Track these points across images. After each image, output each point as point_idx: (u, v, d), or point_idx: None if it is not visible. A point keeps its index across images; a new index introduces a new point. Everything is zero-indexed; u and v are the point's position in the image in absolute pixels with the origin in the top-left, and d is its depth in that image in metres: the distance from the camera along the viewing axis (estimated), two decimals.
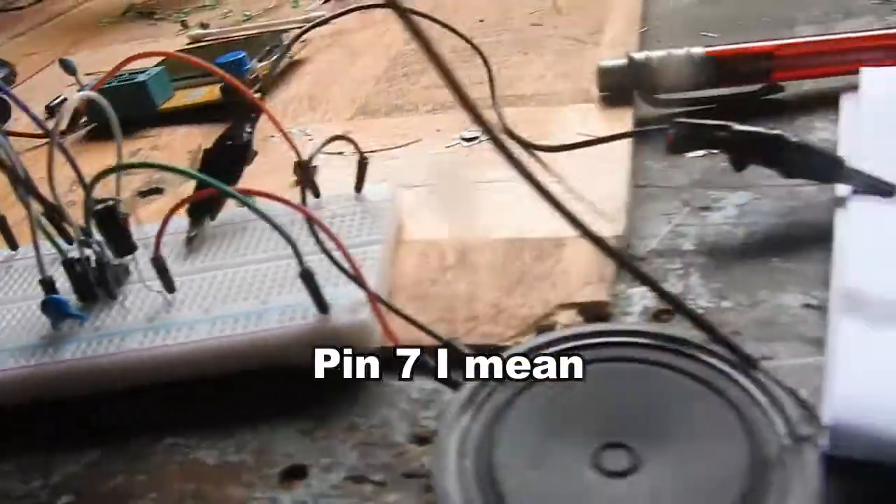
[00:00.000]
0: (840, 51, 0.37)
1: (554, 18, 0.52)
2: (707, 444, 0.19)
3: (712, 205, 0.32)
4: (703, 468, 0.19)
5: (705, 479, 0.19)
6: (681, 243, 0.30)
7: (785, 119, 0.37)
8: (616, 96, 0.40)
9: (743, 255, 0.29)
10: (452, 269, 0.30)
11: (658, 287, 0.21)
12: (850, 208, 0.27)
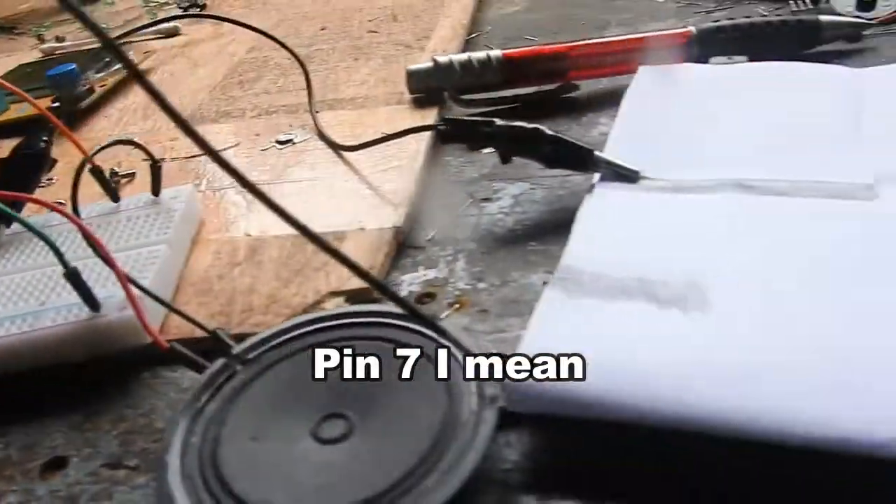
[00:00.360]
0: (625, 51, 0.40)
1: (389, 26, 0.54)
2: (413, 407, 0.21)
3: (492, 196, 0.34)
4: (404, 428, 0.21)
5: (404, 438, 0.20)
6: (457, 232, 0.32)
7: (576, 115, 0.39)
8: (427, 98, 0.42)
9: (506, 242, 0.31)
10: (240, 265, 0.31)
11: (366, 274, 0.23)
12: (594, 193, 0.30)
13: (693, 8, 0.50)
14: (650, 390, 0.20)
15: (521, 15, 0.55)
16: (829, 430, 0.18)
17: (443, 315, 0.27)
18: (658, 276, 0.24)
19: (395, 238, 0.31)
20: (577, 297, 0.24)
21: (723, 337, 0.21)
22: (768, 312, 0.22)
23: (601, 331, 0.22)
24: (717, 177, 0.29)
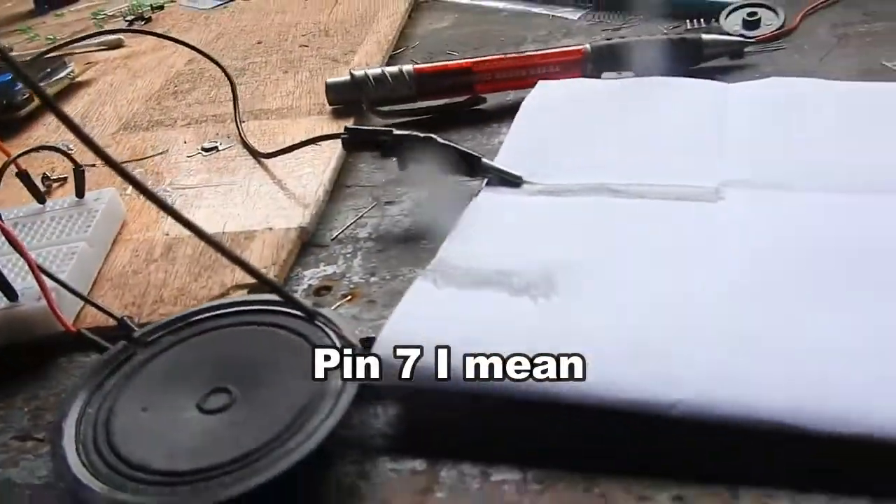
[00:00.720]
0: (525, 67, 0.43)
1: (320, 40, 0.57)
2: (288, 382, 0.24)
3: (396, 199, 0.37)
4: (278, 401, 0.23)
5: (276, 409, 0.23)
6: (358, 232, 0.35)
7: (482, 125, 0.43)
8: (346, 109, 0.45)
9: (402, 240, 0.34)
10: (156, 261, 0.34)
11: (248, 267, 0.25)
12: (478, 196, 0.33)
13: (602, 25, 0.53)
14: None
15: (449, 31, 0.58)
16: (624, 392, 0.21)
17: (335, 305, 0.30)
18: (517, 268, 0.27)
19: (300, 237, 0.34)
20: (443, 287, 0.27)
21: (560, 318, 0.24)
22: (606, 296, 0.25)
23: (456, 315, 0.25)
24: (587, 181, 0.32)
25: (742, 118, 0.35)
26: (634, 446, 0.21)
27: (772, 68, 0.42)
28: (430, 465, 0.23)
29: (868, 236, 0.26)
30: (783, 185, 0.30)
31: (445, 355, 0.23)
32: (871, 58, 0.40)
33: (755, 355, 0.22)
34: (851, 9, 0.47)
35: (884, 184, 0.29)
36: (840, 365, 0.21)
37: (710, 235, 0.28)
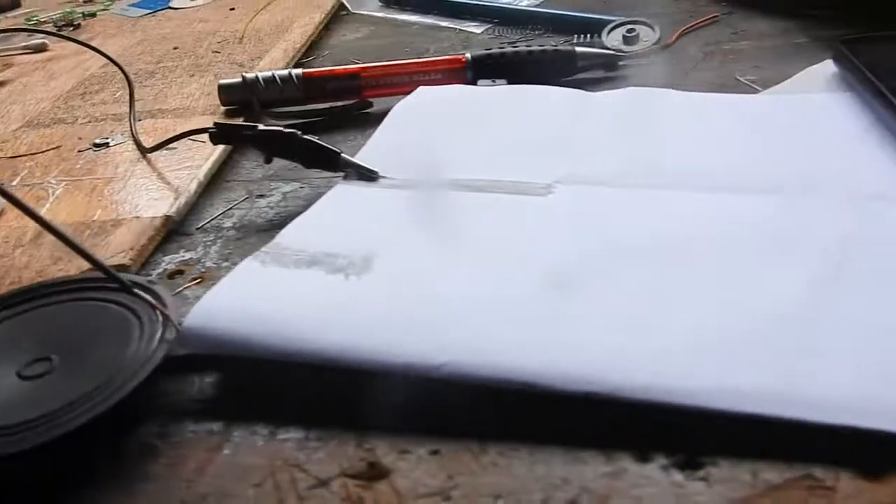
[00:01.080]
0: (410, 73, 0.45)
1: (233, 47, 0.58)
2: (106, 351, 0.25)
3: (266, 193, 0.39)
4: (93, 368, 0.25)
5: (89, 375, 0.25)
6: (224, 222, 0.37)
7: (366, 127, 0.44)
8: (239, 110, 0.46)
9: (262, 230, 0.35)
10: (23, 246, 0.35)
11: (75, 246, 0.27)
12: (332, 189, 0.34)
13: (501, 39, 0.56)
14: (296, 333, 0.24)
15: (361, 41, 0.61)
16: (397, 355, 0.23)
17: (182, 287, 0.32)
18: (344, 251, 0.29)
19: (164, 225, 0.35)
20: (269, 266, 0.28)
21: (363, 292, 0.26)
22: (411, 275, 0.27)
23: (273, 290, 0.27)
24: (436, 177, 0.34)
25: (593, 123, 0.37)
26: (403, 406, 0.23)
27: (640, 81, 0.44)
28: (226, 426, 0.24)
29: (667, 227, 0.28)
30: (608, 182, 0.32)
31: (254, 325, 0.25)
32: (728, 72, 0.43)
33: (520, 323, 0.24)
34: (724, 28, 0.49)
35: (701, 183, 0.31)
36: (590, 332, 0.23)
37: (524, 224, 0.30)
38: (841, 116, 0.34)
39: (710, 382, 0.20)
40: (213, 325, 0.25)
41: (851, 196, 0.28)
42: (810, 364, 0.21)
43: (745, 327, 0.22)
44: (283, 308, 0.25)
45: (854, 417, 0.19)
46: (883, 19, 0.44)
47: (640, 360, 0.22)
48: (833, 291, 0.23)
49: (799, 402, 0.20)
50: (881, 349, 0.21)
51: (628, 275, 0.26)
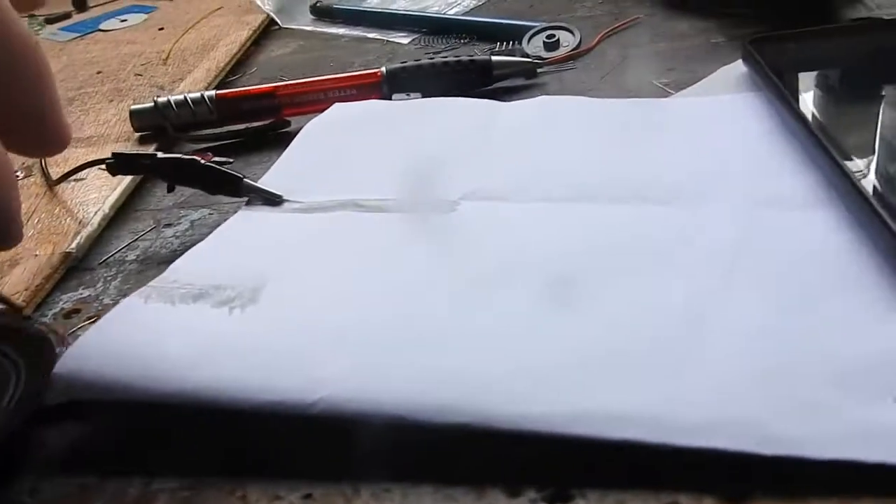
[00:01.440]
0: (325, 89, 0.44)
1: (156, 69, 0.57)
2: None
3: (174, 222, 0.38)
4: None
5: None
6: (127, 255, 0.36)
7: (284, 147, 0.43)
8: (152, 135, 0.45)
9: (165, 262, 0.34)
10: None
11: None
12: (234, 216, 0.34)
13: (426, 49, 0.55)
14: (169, 373, 0.24)
15: (289, 57, 0.60)
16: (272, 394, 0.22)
17: (77, 327, 0.31)
18: (233, 281, 0.28)
19: (63, 262, 0.34)
20: (152, 303, 0.27)
21: (242, 327, 0.25)
22: (298, 305, 0.26)
23: (154, 328, 0.26)
24: (340, 198, 0.33)
25: (502, 135, 0.37)
26: (276, 451, 0.22)
27: (558, 87, 0.44)
28: (100, 479, 0.23)
29: (558, 243, 0.28)
30: (511, 197, 0.32)
31: (127, 367, 0.24)
32: (645, 76, 0.42)
33: (398, 352, 0.23)
34: (645, 30, 0.49)
35: (602, 194, 0.31)
36: (465, 360, 0.22)
37: (421, 244, 0.29)
38: (745, 119, 0.33)
39: (576, 408, 0.20)
40: (85, 370, 0.24)
41: (746, 203, 0.28)
42: (675, 385, 0.20)
43: (618, 348, 0.22)
44: (159, 347, 0.25)
45: (715, 440, 0.18)
46: (799, 17, 0.44)
47: (512, 388, 0.21)
48: (712, 306, 0.23)
49: (662, 426, 0.19)
50: (756, 363, 0.21)
51: (510, 297, 0.25)
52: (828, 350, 0.20)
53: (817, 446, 0.18)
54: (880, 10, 0.44)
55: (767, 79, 0.34)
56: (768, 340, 0.21)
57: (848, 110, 0.33)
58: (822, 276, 0.23)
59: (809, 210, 0.27)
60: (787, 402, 0.19)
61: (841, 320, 0.21)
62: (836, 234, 0.25)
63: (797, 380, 0.20)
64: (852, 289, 0.23)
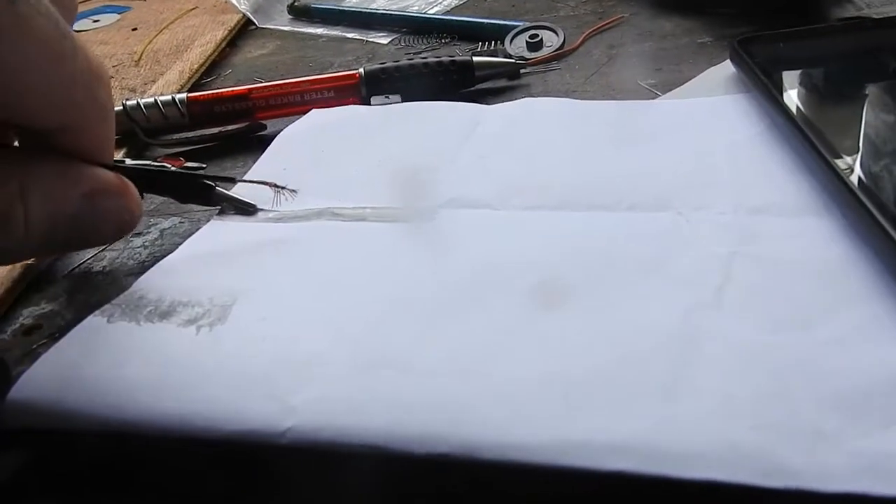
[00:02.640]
0: (301, 91, 0.43)
1: (128, 71, 0.56)
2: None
3: (144, 231, 0.36)
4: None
5: None
6: (94, 266, 0.34)
7: (259, 152, 0.42)
8: (123, 140, 0.44)
9: (132, 273, 0.33)
10: None
11: None
12: (205, 226, 0.32)
13: (406, 49, 0.54)
14: (130, 400, 0.22)
15: (266, 58, 0.58)
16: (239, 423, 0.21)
17: (36, 345, 0.29)
18: (199, 298, 0.26)
19: (24, 275, 0.33)
20: (116, 321, 0.26)
21: (217, 349, 0.24)
22: (267, 323, 0.25)
23: (116, 350, 0.24)
24: (315, 207, 0.32)
25: (484, 140, 0.35)
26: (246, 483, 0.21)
27: (542, 88, 0.43)
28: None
29: (541, 254, 0.27)
30: (492, 205, 0.30)
31: (83, 393, 0.22)
32: (630, 77, 0.41)
33: (373, 379, 0.22)
34: (629, 29, 0.48)
35: (586, 201, 0.29)
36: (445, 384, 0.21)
37: (399, 256, 0.28)
38: (734, 121, 0.32)
39: (564, 436, 0.19)
40: (41, 396, 0.23)
41: (738, 209, 0.27)
42: (669, 411, 0.19)
43: (608, 369, 0.21)
44: (121, 371, 0.23)
45: (713, 471, 0.17)
46: (786, 17, 0.43)
47: (496, 416, 0.20)
48: (705, 324, 0.22)
49: (656, 456, 0.18)
50: (752, 387, 0.19)
51: (492, 314, 0.24)
52: (827, 371, 0.19)
53: (821, 478, 0.16)
54: (870, 9, 0.43)
55: (757, 79, 0.33)
56: (764, 361, 0.20)
57: (839, 111, 0.32)
58: (819, 289, 0.22)
59: (804, 217, 0.26)
60: (786, 430, 0.18)
61: (840, 339, 0.20)
62: (833, 243, 0.24)
63: (796, 405, 0.18)
64: (852, 304, 0.21)
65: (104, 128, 0.23)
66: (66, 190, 0.22)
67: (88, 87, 0.21)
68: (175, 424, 0.21)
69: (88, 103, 0.22)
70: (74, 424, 0.22)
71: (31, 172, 0.21)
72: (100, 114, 0.22)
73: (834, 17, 0.43)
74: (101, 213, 0.23)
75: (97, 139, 0.23)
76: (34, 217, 0.21)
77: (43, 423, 0.22)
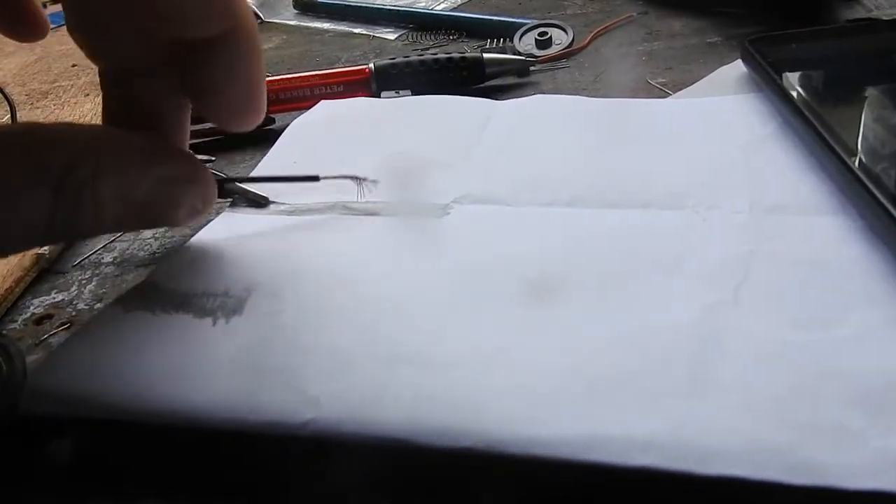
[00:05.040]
0: (311, 86, 0.43)
1: None
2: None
3: None
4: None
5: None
6: (103, 257, 0.34)
7: (267, 145, 0.42)
8: None
9: (143, 265, 0.33)
10: None
11: None
12: (217, 218, 0.32)
13: (414, 45, 0.53)
14: (149, 389, 0.22)
15: (272, 52, 0.58)
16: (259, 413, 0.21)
17: (47, 334, 0.29)
18: (215, 289, 0.26)
19: (34, 264, 0.33)
20: (133, 312, 0.26)
21: (235, 340, 0.24)
22: (282, 316, 0.25)
23: (134, 340, 0.24)
24: (327, 200, 0.32)
25: (496, 135, 0.35)
26: (264, 474, 0.21)
27: (551, 86, 0.43)
28: (79, 500, 0.21)
29: (557, 250, 0.27)
30: (506, 201, 0.30)
31: (104, 382, 0.22)
32: (640, 75, 0.41)
33: (394, 372, 0.22)
34: (639, 28, 0.48)
35: (599, 198, 0.29)
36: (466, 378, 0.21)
37: (413, 251, 0.28)
38: (747, 120, 0.32)
39: (588, 431, 0.19)
40: (61, 383, 0.23)
41: (754, 208, 0.27)
42: (698, 407, 0.19)
43: (629, 365, 0.21)
44: (139, 361, 0.23)
45: (737, 467, 0.17)
46: (798, 16, 0.43)
47: (518, 410, 0.20)
48: (725, 321, 0.22)
49: (680, 452, 0.18)
50: (775, 385, 0.19)
51: (511, 309, 0.24)
52: (848, 369, 0.19)
53: (846, 476, 0.17)
54: (879, 10, 0.43)
55: (769, 79, 0.33)
56: (785, 359, 0.20)
57: (851, 111, 0.32)
58: (838, 288, 0.22)
59: (821, 216, 0.26)
60: (810, 428, 0.18)
61: (860, 337, 0.20)
62: (850, 241, 0.24)
63: (819, 402, 0.19)
64: (871, 302, 0.22)
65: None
66: (139, 174, 0.21)
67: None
68: (194, 414, 0.21)
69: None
70: (93, 413, 0.22)
71: (105, 154, 0.21)
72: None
73: (843, 19, 0.43)
74: (173, 200, 0.23)
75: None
76: (105, 200, 0.20)
77: (62, 410, 0.22)
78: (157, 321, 0.25)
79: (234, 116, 0.25)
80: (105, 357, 0.23)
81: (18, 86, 0.54)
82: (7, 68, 0.60)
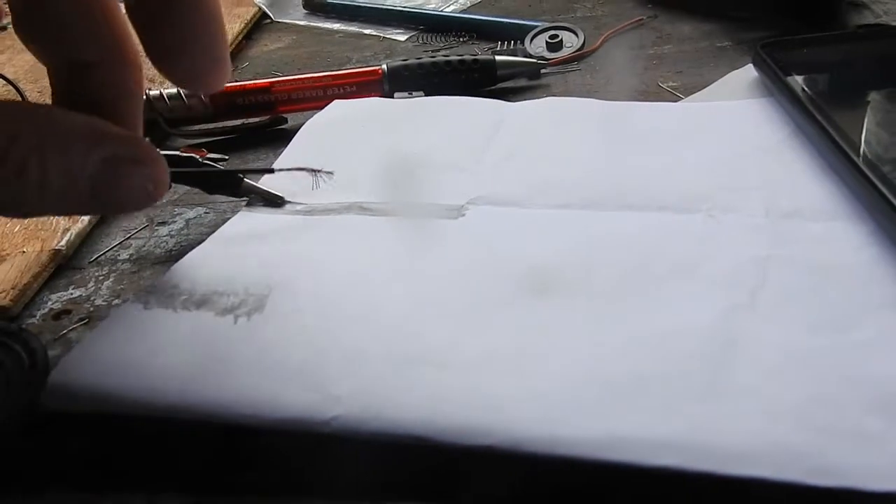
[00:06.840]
0: (324, 86, 0.43)
1: (146, 61, 0.55)
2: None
3: (168, 220, 0.36)
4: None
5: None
6: (119, 254, 0.34)
7: (279, 145, 0.42)
8: (146, 130, 0.44)
9: (159, 262, 0.33)
10: None
11: None
12: (233, 217, 0.32)
13: (425, 47, 0.54)
14: (172, 386, 0.22)
15: (282, 51, 0.58)
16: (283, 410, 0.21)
17: (66, 330, 0.29)
18: (234, 288, 0.27)
19: (51, 260, 0.33)
20: (153, 308, 0.26)
21: (256, 338, 0.24)
22: (303, 315, 0.25)
23: (155, 337, 0.25)
24: (343, 200, 0.32)
25: (509, 137, 0.36)
26: (286, 470, 0.21)
27: (562, 89, 0.43)
28: (97, 497, 0.22)
29: (572, 252, 0.27)
30: (521, 203, 0.31)
31: (126, 378, 0.22)
32: (651, 79, 0.42)
33: (416, 372, 0.22)
34: (649, 31, 0.48)
35: (613, 201, 0.30)
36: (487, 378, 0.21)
37: (430, 253, 0.28)
38: (759, 125, 0.33)
39: (609, 432, 0.19)
40: (84, 379, 0.23)
41: (769, 213, 0.27)
42: (717, 409, 0.19)
43: (649, 367, 0.21)
44: (161, 357, 0.23)
45: (760, 468, 0.17)
46: (807, 22, 0.43)
47: (539, 410, 0.20)
48: (743, 324, 0.22)
49: (702, 453, 0.18)
50: (794, 388, 0.20)
51: (530, 310, 0.24)
52: (866, 373, 0.20)
53: (867, 478, 0.17)
54: (887, 16, 0.44)
55: (781, 84, 0.34)
56: (803, 363, 0.20)
57: (864, 116, 0.33)
58: (854, 293, 0.23)
59: (836, 221, 0.26)
60: (830, 431, 0.18)
61: (877, 342, 0.21)
62: (865, 246, 0.24)
63: (838, 405, 0.19)
64: (887, 307, 0.22)
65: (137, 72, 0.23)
66: (86, 151, 0.21)
67: None
68: (217, 411, 0.21)
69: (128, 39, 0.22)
70: (115, 409, 0.22)
71: (53, 129, 0.21)
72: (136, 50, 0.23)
73: (852, 24, 0.43)
74: (122, 180, 0.22)
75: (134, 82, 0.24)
76: (50, 173, 0.20)
77: (83, 406, 0.23)
78: (179, 318, 0.25)
79: (198, 78, 0.25)
80: (127, 354, 0.23)
81: (31, 83, 0.54)
82: (19, 66, 0.60)
